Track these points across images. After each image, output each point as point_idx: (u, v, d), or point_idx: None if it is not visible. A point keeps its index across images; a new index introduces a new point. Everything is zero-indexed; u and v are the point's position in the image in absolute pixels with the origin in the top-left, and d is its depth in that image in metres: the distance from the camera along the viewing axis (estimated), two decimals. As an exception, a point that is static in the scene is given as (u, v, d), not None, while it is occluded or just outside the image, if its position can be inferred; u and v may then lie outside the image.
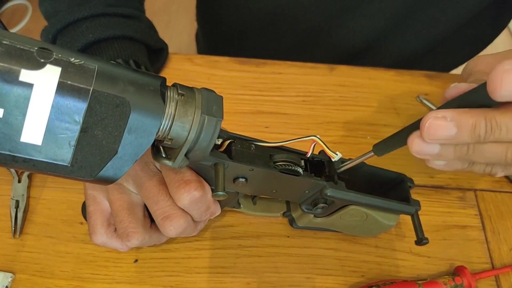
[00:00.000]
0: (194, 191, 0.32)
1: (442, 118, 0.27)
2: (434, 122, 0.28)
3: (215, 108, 0.28)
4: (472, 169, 0.33)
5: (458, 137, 0.28)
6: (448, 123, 0.27)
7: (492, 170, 0.33)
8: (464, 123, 0.27)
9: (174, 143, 0.28)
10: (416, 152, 0.30)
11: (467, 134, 0.27)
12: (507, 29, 0.66)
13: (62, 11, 0.47)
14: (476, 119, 0.27)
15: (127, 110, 0.25)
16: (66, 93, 0.24)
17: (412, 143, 0.29)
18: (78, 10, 0.46)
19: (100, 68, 0.25)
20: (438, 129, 0.28)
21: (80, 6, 0.46)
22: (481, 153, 0.29)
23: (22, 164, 0.25)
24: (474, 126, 0.27)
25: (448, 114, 0.27)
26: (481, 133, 0.27)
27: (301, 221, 0.42)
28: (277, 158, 0.34)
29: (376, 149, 0.33)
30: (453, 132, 0.27)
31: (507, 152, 0.29)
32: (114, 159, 0.27)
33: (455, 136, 0.28)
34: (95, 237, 0.37)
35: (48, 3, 0.49)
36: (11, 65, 0.22)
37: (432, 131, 0.28)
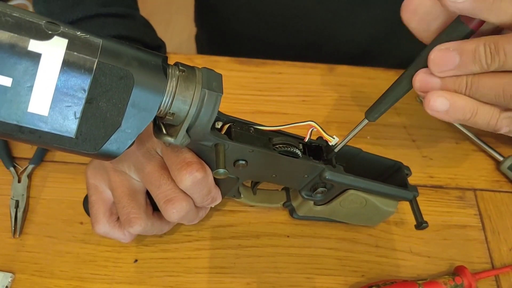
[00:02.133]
0: (196, 172, 0.33)
1: (445, 50, 0.29)
2: (439, 53, 0.29)
3: (215, 84, 0.29)
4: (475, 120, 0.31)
5: (462, 65, 0.28)
6: (451, 52, 0.28)
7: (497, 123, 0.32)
8: (465, 49, 0.28)
9: (175, 119, 0.29)
10: (418, 88, 0.30)
11: (469, 60, 0.28)
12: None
13: (56, 13, 0.47)
14: (475, 44, 0.28)
15: (130, 83, 0.26)
16: (72, 64, 0.24)
17: (415, 79, 0.30)
18: (72, 12, 0.46)
19: (105, 42, 0.26)
20: (443, 59, 0.29)
21: (73, 7, 0.46)
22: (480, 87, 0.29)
23: (28, 135, 0.26)
24: (474, 51, 0.28)
25: (450, 45, 0.29)
26: (482, 58, 0.28)
27: (301, 210, 0.42)
28: (276, 140, 0.34)
29: (368, 114, 0.33)
30: (457, 60, 0.28)
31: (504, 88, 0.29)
32: (118, 132, 0.27)
33: (460, 63, 0.28)
34: (97, 226, 0.37)
35: (42, 5, 0.49)
36: (20, 35, 0.23)
37: (438, 61, 0.29)
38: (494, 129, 0.32)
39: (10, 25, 0.23)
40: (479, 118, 0.31)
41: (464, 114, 0.31)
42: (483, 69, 0.29)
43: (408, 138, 0.52)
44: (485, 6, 0.26)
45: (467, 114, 0.31)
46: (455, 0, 0.26)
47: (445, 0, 0.26)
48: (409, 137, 0.52)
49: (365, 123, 0.34)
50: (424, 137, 0.52)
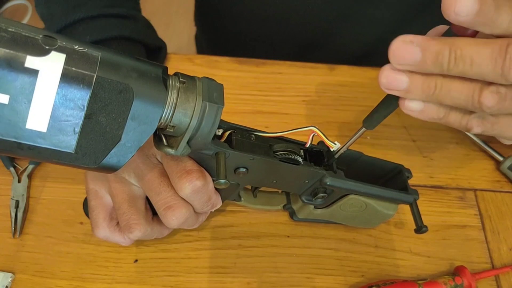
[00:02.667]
0: (196, 180, 0.32)
1: (409, 42, 0.27)
2: (401, 45, 0.27)
3: (216, 95, 0.28)
4: (448, 120, 0.31)
5: (422, 64, 0.27)
6: (413, 47, 0.27)
7: (468, 123, 0.31)
8: (429, 48, 0.27)
9: (176, 131, 0.28)
10: (384, 85, 0.29)
11: (431, 61, 0.27)
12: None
13: (58, 14, 0.47)
14: (441, 47, 0.27)
15: (130, 96, 0.26)
16: (70, 79, 0.24)
17: (381, 75, 0.29)
18: (74, 13, 0.46)
19: (103, 55, 0.25)
20: (404, 52, 0.27)
21: (75, 8, 0.46)
22: (449, 91, 0.28)
23: (27, 151, 0.25)
24: (438, 53, 0.27)
25: (415, 39, 0.27)
26: (444, 62, 0.27)
27: (301, 213, 0.42)
28: (277, 147, 0.34)
29: (366, 123, 0.33)
30: (418, 57, 0.27)
31: (474, 93, 0.28)
32: (118, 146, 0.27)
33: (420, 62, 0.27)
34: (97, 231, 0.37)
35: (43, 6, 0.49)
36: (17, 51, 0.23)
37: (397, 53, 0.27)
38: (466, 128, 0.32)
39: (5, 41, 0.22)
40: (451, 118, 0.31)
41: (438, 114, 0.31)
42: (442, 72, 0.27)
43: (408, 138, 0.52)
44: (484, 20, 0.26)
45: (440, 114, 0.31)
46: (458, 13, 0.25)
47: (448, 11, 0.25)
48: (409, 137, 0.52)
49: (363, 131, 0.34)
50: (424, 137, 0.52)
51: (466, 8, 0.25)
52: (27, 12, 1.68)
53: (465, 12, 0.25)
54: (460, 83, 0.28)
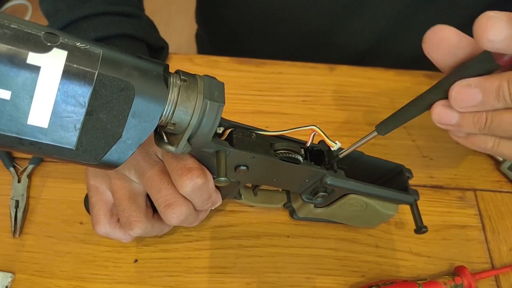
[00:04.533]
0: (196, 178, 0.33)
1: (467, 86, 0.28)
2: (460, 90, 0.28)
3: (217, 93, 0.28)
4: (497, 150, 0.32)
5: (484, 102, 0.28)
6: (473, 89, 0.28)
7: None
8: (488, 87, 0.27)
9: (176, 128, 0.29)
10: (436, 120, 0.30)
11: (492, 98, 0.28)
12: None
13: (63, 10, 0.47)
14: (499, 82, 0.27)
15: (131, 94, 0.26)
16: (72, 76, 0.24)
17: (433, 112, 0.30)
18: (79, 9, 0.46)
19: (105, 53, 0.25)
20: (464, 96, 0.28)
21: (80, 5, 0.46)
22: (499, 123, 0.29)
23: (29, 147, 0.26)
24: (498, 89, 0.27)
25: (472, 81, 0.28)
26: (506, 95, 0.27)
27: (301, 211, 0.42)
28: (278, 146, 0.34)
29: (379, 128, 0.33)
30: (479, 97, 0.28)
31: None
32: (119, 143, 0.27)
33: (482, 101, 0.28)
34: (98, 227, 0.37)
35: (49, 2, 0.49)
36: (19, 48, 0.23)
37: (459, 99, 0.28)
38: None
39: (8, 37, 0.23)
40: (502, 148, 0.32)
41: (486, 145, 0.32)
42: (507, 106, 0.28)
43: (408, 138, 0.52)
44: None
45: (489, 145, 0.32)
46: (494, 39, 0.25)
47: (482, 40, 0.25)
48: (409, 137, 0.52)
49: (374, 135, 0.34)
50: (424, 137, 0.52)
51: (498, 35, 0.25)
52: (27, 12, 1.68)
53: (499, 38, 0.25)
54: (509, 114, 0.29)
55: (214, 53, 0.58)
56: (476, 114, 0.29)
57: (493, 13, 0.25)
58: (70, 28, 0.46)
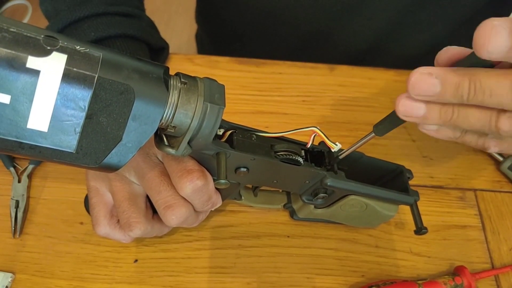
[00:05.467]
0: (196, 180, 0.33)
1: (427, 74, 0.27)
2: (420, 77, 0.27)
3: (217, 96, 0.28)
4: (464, 140, 0.32)
5: (442, 95, 0.27)
6: (433, 79, 0.27)
7: (484, 143, 0.32)
8: (448, 81, 0.27)
9: (177, 131, 0.29)
10: (402, 112, 0.29)
11: (450, 93, 0.27)
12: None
13: (63, 11, 0.47)
14: (460, 79, 0.27)
15: (131, 97, 0.26)
16: (72, 80, 0.24)
17: (398, 103, 0.29)
18: (79, 10, 0.46)
19: (104, 56, 0.25)
20: (423, 84, 0.27)
21: (81, 5, 0.46)
22: (466, 117, 0.29)
23: (29, 151, 0.26)
24: (458, 86, 0.27)
25: (434, 70, 0.27)
26: (464, 93, 0.27)
27: (301, 212, 0.42)
28: (278, 148, 0.34)
29: (376, 129, 0.33)
30: (437, 89, 0.27)
31: (491, 119, 0.28)
32: (119, 146, 0.27)
33: (439, 93, 0.27)
34: (98, 228, 0.37)
35: (49, 3, 0.49)
36: (18, 52, 0.23)
37: (417, 86, 0.27)
38: (483, 148, 0.33)
39: (7, 41, 0.23)
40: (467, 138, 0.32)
41: (454, 134, 0.32)
42: (461, 102, 0.28)
43: (408, 138, 0.52)
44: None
45: (457, 134, 0.32)
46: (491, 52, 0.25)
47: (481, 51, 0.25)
48: (409, 137, 0.52)
49: (372, 136, 0.33)
50: (424, 137, 0.52)
51: (499, 47, 0.25)
52: (27, 12, 1.68)
53: (498, 50, 0.25)
54: (477, 110, 0.28)
55: (214, 53, 0.58)
56: (443, 107, 0.29)
57: (498, 22, 0.24)
58: (70, 29, 0.46)
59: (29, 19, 1.66)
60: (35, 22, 1.64)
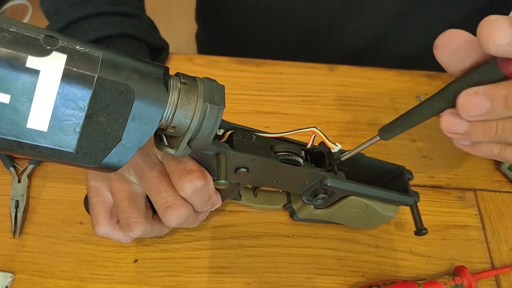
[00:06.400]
0: (196, 180, 0.33)
1: (474, 94, 0.27)
2: (468, 98, 0.28)
3: (217, 96, 0.28)
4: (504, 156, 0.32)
5: (493, 111, 0.28)
6: (481, 97, 0.27)
7: None
8: (496, 95, 0.27)
9: (176, 131, 0.29)
10: (445, 129, 0.30)
11: (501, 106, 0.27)
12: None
13: (64, 10, 0.47)
14: (508, 90, 0.27)
15: (131, 97, 0.26)
16: (71, 79, 0.24)
17: (441, 120, 0.29)
18: (80, 9, 0.46)
19: (104, 56, 0.25)
20: (472, 104, 0.27)
21: (81, 5, 0.46)
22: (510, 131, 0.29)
23: (28, 150, 0.26)
24: (507, 97, 0.27)
25: (479, 89, 0.27)
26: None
27: (301, 212, 0.42)
28: (278, 148, 0.34)
29: (382, 133, 0.33)
30: (488, 106, 0.27)
31: None
32: (118, 146, 0.27)
33: (490, 109, 0.27)
34: (98, 228, 0.37)
35: (50, 2, 0.49)
36: (18, 51, 0.23)
37: (467, 107, 0.28)
38: None
39: (7, 41, 0.23)
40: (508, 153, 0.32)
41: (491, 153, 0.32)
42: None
43: (408, 138, 0.52)
44: None
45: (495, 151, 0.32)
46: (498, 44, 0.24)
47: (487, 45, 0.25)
48: (409, 137, 0.52)
49: (377, 140, 0.33)
50: (424, 137, 0.52)
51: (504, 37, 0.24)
52: (27, 12, 1.68)
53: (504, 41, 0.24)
54: None
55: (214, 53, 0.58)
56: (486, 122, 0.29)
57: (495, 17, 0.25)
58: (70, 28, 0.46)
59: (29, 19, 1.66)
60: (35, 22, 1.64)
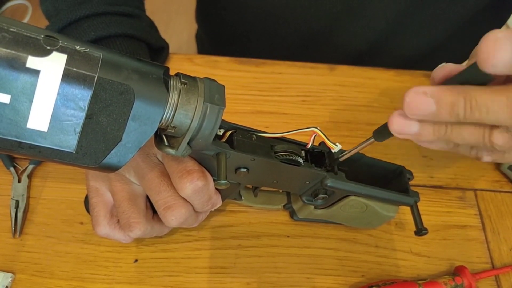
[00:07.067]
0: (196, 180, 0.33)
1: (422, 94, 0.27)
2: (415, 96, 0.27)
3: (217, 96, 0.28)
4: (457, 150, 0.33)
5: (437, 115, 0.27)
6: (428, 99, 0.27)
7: (477, 153, 0.33)
8: (443, 100, 0.27)
9: (177, 131, 0.29)
10: (395, 130, 0.29)
11: (446, 112, 0.27)
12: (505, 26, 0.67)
13: (63, 10, 0.47)
14: (455, 97, 0.26)
15: (131, 98, 0.26)
16: (71, 80, 0.24)
17: (392, 122, 0.29)
18: (79, 9, 0.46)
19: (104, 56, 0.25)
20: (418, 104, 0.27)
21: (81, 5, 0.46)
22: (460, 134, 0.29)
23: (28, 150, 0.26)
24: (453, 104, 0.26)
25: (429, 90, 0.27)
26: (460, 112, 0.27)
27: (301, 212, 0.42)
28: (278, 148, 0.34)
29: (376, 135, 0.33)
30: (433, 108, 0.27)
31: (484, 135, 0.28)
32: (118, 146, 0.27)
33: (435, 113, 0.27)
34: (98, 228, 0.37)
35: (49, 2, 0.49)
36: (18, 52, 0.23)
37: (412, 105, 0.27)
38: (476, 158, 0.33)
39: (7, 41, 0.23)
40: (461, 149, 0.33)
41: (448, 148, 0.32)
42: (458, 121, 0.27)
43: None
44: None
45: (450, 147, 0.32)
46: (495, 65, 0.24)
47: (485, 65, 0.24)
48: (409, 137, 0.52)
49: (372, 141, 0.33)
50: (424, 137, 0.52)
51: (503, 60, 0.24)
52: (27, 12, 1.68)
53: (503, 64, 0.24)
54: (470, 126, 0.28)
55: (214, 53, 0.58)
56: (436, 124, 0.29)
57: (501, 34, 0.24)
58: (70, 28, 0.46)
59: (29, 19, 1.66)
60: (35, 22, 1.64)
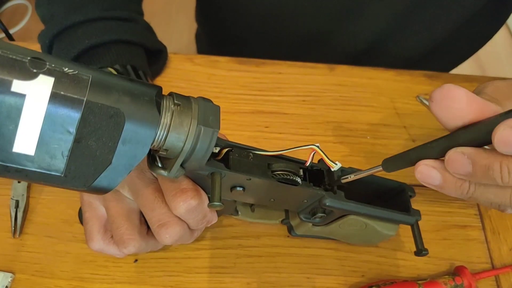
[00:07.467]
0: (190, 199, 0.32)
1: (460, 154, 0.28)
2: (455, 155, 0.28)
3: (211, 118, 0.28)
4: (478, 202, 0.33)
5: (472, 175, 0.28)
6: (466, 160, 0.27)
7: (499, 208, 0.33)
8: (479, 162, 0.27)
9: (169, 153, 0.28)
10: (419, 179, 0.30)
11: (481, 174, 0.27)
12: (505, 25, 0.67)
13: (58, 15, 0.46)
14: (491, 161, 0.27)
15: (121, 121, 0.25)
16: (59, 103, 0.23)
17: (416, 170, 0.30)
18: (74, 15, 0.45)
19: (94, 78, 0.24)
20: (456, 163, 0.28)
21: (76, 10, 0.46)
22: (483, 194, 0.29)
23: (15, 173, 0.25)
24: (488, 167, 0.27)
25: (466, 151, 0.28)
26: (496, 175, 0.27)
27: (299, 229, 0.42)
28: (276, 167, 0.33)
29: (385, 164, 0.32)
30: (469, 169, 0.28)
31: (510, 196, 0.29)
32: (108, 170, 0.26)
33: (471, 173, 0.28)
34: (91, 243, 0.37)
35: (45, 7, 0.48)
36: (2, 75, 0.22)
37: (451, 164, 0.28)
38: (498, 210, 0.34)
39: None
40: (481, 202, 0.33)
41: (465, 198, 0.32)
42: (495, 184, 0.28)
43: (408, 138, 0.52)
44: None
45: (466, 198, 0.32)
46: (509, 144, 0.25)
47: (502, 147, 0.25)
48: (409, 137, 0.52)
49: (379, 170, 0.33)
50: (424, 137, 0.52)
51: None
52: (27, 12, 1.68)
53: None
54: (496, 188, 0.29)
55: (214, 53, 0.58)
56: (459, 181, 0.29)
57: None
58: (65, 34, 0.46)
59: (29, 19, 1.66)
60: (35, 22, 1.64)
